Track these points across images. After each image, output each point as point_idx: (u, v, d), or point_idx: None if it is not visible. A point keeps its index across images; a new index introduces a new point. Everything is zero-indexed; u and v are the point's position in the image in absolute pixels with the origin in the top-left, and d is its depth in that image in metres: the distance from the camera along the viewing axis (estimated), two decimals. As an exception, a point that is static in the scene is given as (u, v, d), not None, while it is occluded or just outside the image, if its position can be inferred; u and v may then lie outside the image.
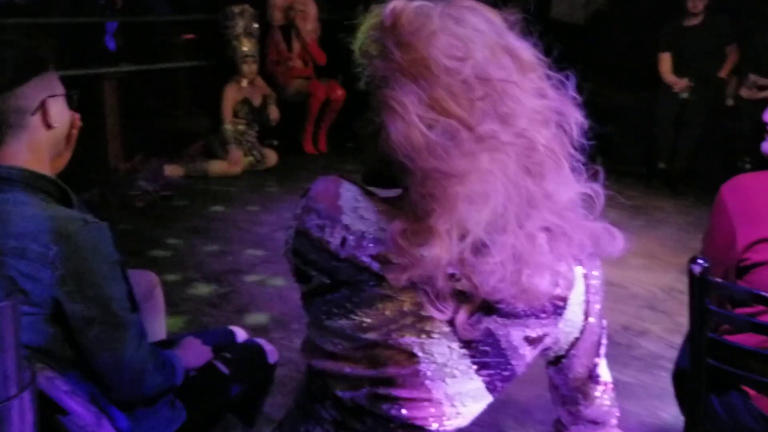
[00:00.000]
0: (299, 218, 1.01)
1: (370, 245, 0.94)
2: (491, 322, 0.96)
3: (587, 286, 1.02)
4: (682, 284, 1.56)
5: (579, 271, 1.01)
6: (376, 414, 1.01)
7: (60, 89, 1.50)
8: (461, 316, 0.94)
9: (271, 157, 5.89)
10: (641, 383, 2.69)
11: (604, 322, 1.10)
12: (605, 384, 1.14)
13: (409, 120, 0.87)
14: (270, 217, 4.61)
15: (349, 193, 0.98)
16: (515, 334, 0.98)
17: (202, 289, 3.46)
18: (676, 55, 5.38)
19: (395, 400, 0.99)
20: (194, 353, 1.72)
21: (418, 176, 0.88)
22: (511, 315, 0.96)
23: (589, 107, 1.11)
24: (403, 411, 0.99)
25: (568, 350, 1.07)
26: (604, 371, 1.13)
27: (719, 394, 1.62)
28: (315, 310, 1.01)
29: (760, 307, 1.52)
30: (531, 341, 1.00)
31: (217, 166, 5.57)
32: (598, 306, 1.05)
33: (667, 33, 5.42)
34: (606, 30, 6.01)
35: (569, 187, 0.96)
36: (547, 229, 0.94)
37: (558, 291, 0.98)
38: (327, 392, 1.03)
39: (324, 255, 0.97)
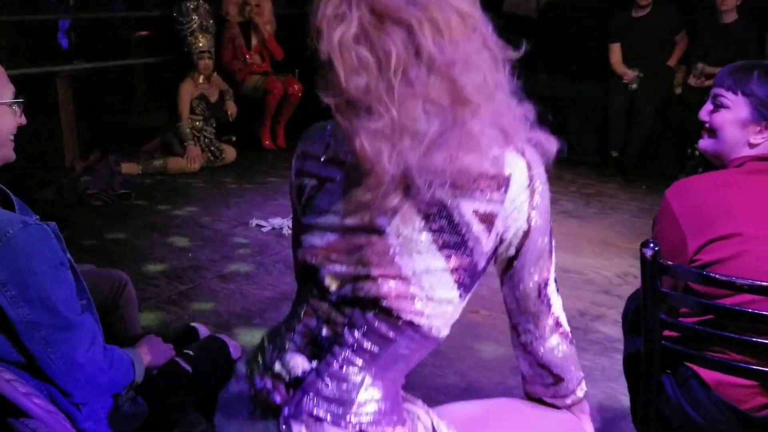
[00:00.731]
0: (298, 147, 1.23)
1: (345, 147, 1.11)
2: (441, 192, 1.07)
3: (531, 176, 1.12)
4: (636, 269, 1.61)
5: (520, 160, 1.11)
6: (357, 298, 1.12)
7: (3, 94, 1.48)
8: (412, 195, 1.08)
9: (230, 153, 5.86)
10: (599, 367, 2.76)
11: (553, 242, 1.19)
12: (559, 322, 1.23)
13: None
14: (229, 213, 4.59)
15: (333, 122, 1.13)
16: (465, 207, 1.09)
17: (163, 287, 3.44)
18: (626, 45, 5.50)
19: (372, 279, 1.11)
20: (156, 351, 1.73)
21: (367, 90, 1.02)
22: (458, 186, 1.08)
23: (542, 98, 1.16)
24: (383, 287, 1.10)
25: (517, 250, 1.15)
26: (556, 302, 1.22)
27: (672, 375, 1.69)
28: (308, 216, 1.18)
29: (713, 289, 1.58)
30: (481, 218, 1.10)
31: (175, 163, 5.52)
32: (544, 209, 1.15)
33: (616, 24, 5.53)
34: (558, 22, 6.11)
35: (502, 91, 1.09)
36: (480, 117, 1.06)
37: (497, 170, 1.09)
38: (315, 287, 1.17)
39: (313, 162, 1.19)
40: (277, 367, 1.17)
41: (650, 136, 5.47)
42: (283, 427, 1.13)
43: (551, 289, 1.21)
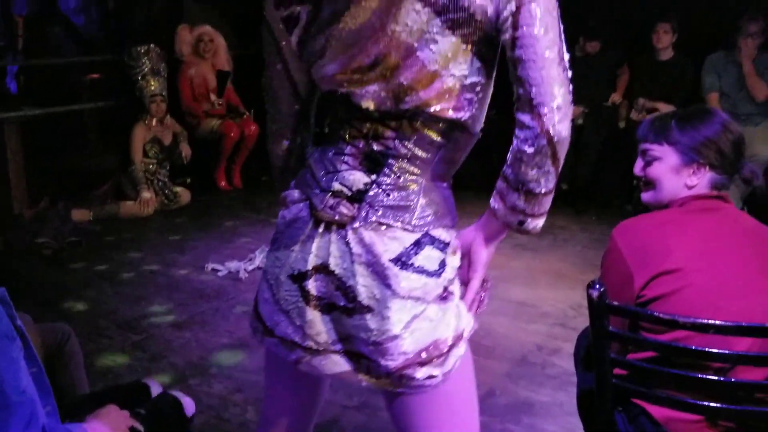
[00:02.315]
0: None
1: None
2: None
3: None
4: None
5: None
6: (402, 111, 1.16)
7: None
8: None
9: (184, 196, 5.81)
10: (557, 402, 2.79)
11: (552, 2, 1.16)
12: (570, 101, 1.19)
13: None
14: (185, 257, 4.54)
15: None
16: None
17: (115, 338, 3.37)
18: (572, 82, 5.65)
19: (407, 87, 1.14)
20: (111, 423, 1.67)
21: None
22: None
23: (493, 134, 1.21)
24: (420, 95, 1.12)
25: (518, 2, 1.11)
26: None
27: (624, 412, 1.72)
28: (315, 42, 1.18)
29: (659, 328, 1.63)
30: None
31: (128, 208, 5.45)
32: None
33: None
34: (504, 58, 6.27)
35: None
36: None
37: None
38: (353, 109, 1.20)
39: None
40: (336, 186, 1.23)
41: (597, 169, 5.63)
42: (352, 235, 1.19)
43: (566, 54, 1.17)
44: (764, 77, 4.87)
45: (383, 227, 1.19)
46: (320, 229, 1.24)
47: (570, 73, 1.17)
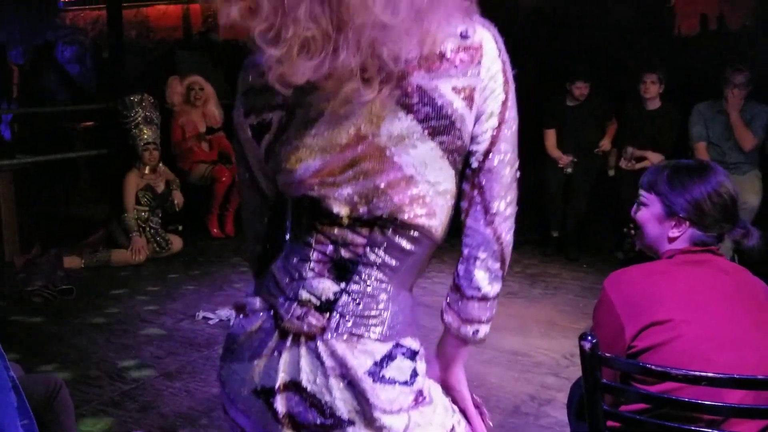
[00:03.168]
0: (241, 87, 1.18)
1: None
2: (417, 77, 1.09)
3: (498, 47, 1.16)
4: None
5: (486, 32, 1.15)
6: (374, 218, 1.14)
7: None
8: (384, 90, 1.07)
9: (176, 243, 5.81)
10: (550, 453, 2.77)
11: (517, 120, 1.22)
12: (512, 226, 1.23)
13: None
14: (176, 305, 4.52)
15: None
16: (444, 87, 1.11)
17: (105, 387, 3.34)
18: (560, 131, 5.74)
19: (382, 192, 1.13)
20: None
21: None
22: (432, 68, 1.10)
23: None
24: (395, 198, 1.13)
25: (499, 122, 1.17)
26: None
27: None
28: (285, 149, 1.15)
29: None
30: (461, 93, 1.12)
31: (119, 256, 5.44)
32: (512, 79, 1.18)
33: (550, 111, 5.78)
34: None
35: None
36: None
37: (469, 43, 1.12)
38: (322, 215, 1.17)
39: (269, 94, 1.10)
40: (304, 294, 1.18)
41: (586, 216, 5.68)
42: (323, 348, 1.15)
43: (518, 173, 1.24)
44: (751, 127, 4.95)
45: (354, 338, 1.15)
46: (288, 342, 1.17)
47: (517, 172, 1.25)
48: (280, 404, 1.17)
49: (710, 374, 1.51)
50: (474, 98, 1.14)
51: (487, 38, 1.15)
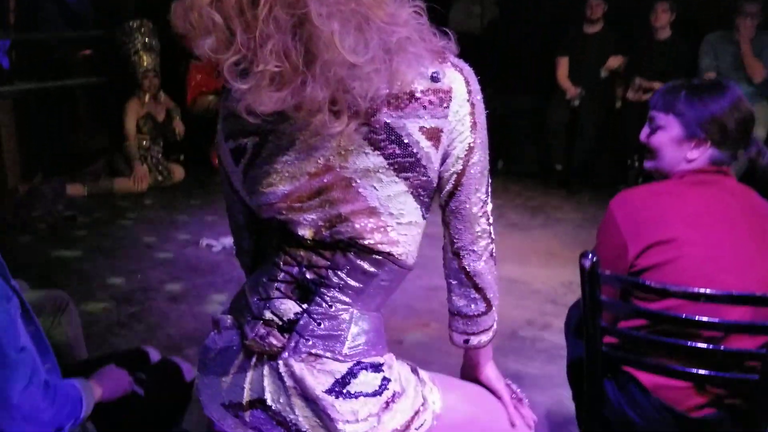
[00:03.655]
0: (222, 110, 1.21)
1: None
2: (384, 115, 1.12)
3: (469, 90, 1.17)
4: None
5: (458, 74, 1.17)
6: (336, 241, 1.18)
7: None
8: (352, 125, 1.09)
9: (178, 173, 5.81)
10: (546, 374, 2.83)
11: (487, 159, 1.23)
12: (492, 241, 1.28)
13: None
14: (178, 233, 4.55)
15: None
16: (411, 127, 1.13)
17: (112, 309, 3.40)
18: (573, 60, 5.66)
19: (345, 219, 1.16)
20: (112, 381, 1.71)
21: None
22: (401, 107, 1.12)
23: (487, 113, 1.22)
24: (356, 225, 1.16)
25: (464, 166, 1.19)
26: (490, 219, 1.27)
27: (613, 380, 1.76)
28: (257, 174, 1.18)
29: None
30: (428, 134, 1.15)
31: (122, 184, 5.45)
32: (482, 123, 1.20)
33: (568, 38, 5.70)
34: (502, 38, 6.25)
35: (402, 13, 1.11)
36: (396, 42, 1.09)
37: (438, 85, 1.14)
38: (288, 237, 1.20)
39: (244, 120, 1.10)
40: (268, 314, 1.22)
41: (593, 150, 5.64)
42: (283, 368, 1.19)
43: (489, 206, 1.27)
44: (761, 58, 4.88)
45: (313, 358, 1.18)
46: (253, 361, 1.22)
47: (491, 220, 1.28)
48: (249, 418, 1.23)
49: (708, 291, 1.53)
50: (441, 139, 1.16)
51: (458, 81, 1.16)
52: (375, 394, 1.20)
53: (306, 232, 1.18)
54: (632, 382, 1.70)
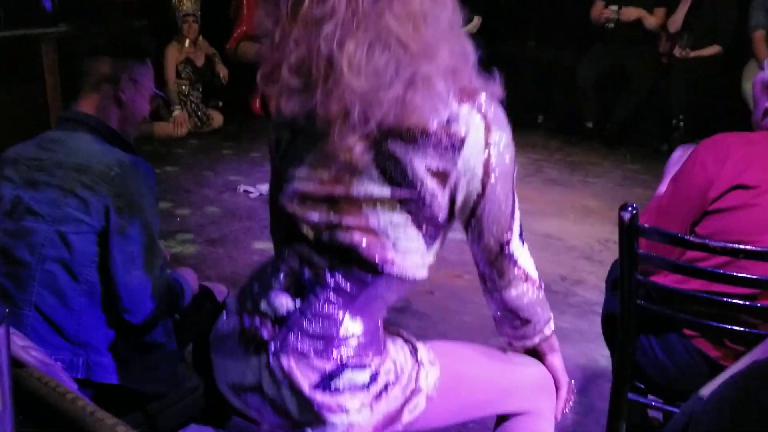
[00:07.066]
0: None
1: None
2: (394, 145, 1.12)
3: (488, 140, 1.14)
4: (617, 236, 1.66)
5: (480, 120, 1.13)
6: (335, 245, 1.18)
7: (147, 83, 1.85)
8: (360, 146, 1.12)
9: (217, 119, 5.85)
10: (577, 329, 2.84)
11: (516, 200, 1.22)
12: (526, 273, 1.27)
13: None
14: (216, 179, 4.61)
15: None
16: (417, 164, 1.12)
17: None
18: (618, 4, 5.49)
19: (344, 229, 1.17)
20: (192, 278, 1.88)
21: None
22: (410, 141, 1.11)
23: (529, 64, 1.20)
24: (355, 236, 1.16)
25: (473, 210, 1.19)
26: (522, 255, 1.26)
27: (653, 333, 1.76)
28: (285, 167, 1.23)
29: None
30: (434, 174, 1.13)
31: (161, 128, 5.51)
32: (503, 172, 1.17)
33: None
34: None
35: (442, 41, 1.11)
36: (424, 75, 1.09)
37: (453, 129, 1.12)
38: (296, 232, 1.22)
39: (283, 115, 1.16)
40: (263, 305, 1.24)
41: (638, 106, 5.48)
42: (273, 361, 1.21)
43: (515, 245, 1.24)
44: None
45: (299, 355, 1.19)
46: (251, 349, 1.25)
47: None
48: (249, 401, 1.27)
49: (749, 247, 1.51)
50: (448, 181, 1.15)
51: (476, 127, 1.12)
52: (364, 388, 1.20)
53: (309, 232, 1.20)
54: (679, 337, 1.70)
